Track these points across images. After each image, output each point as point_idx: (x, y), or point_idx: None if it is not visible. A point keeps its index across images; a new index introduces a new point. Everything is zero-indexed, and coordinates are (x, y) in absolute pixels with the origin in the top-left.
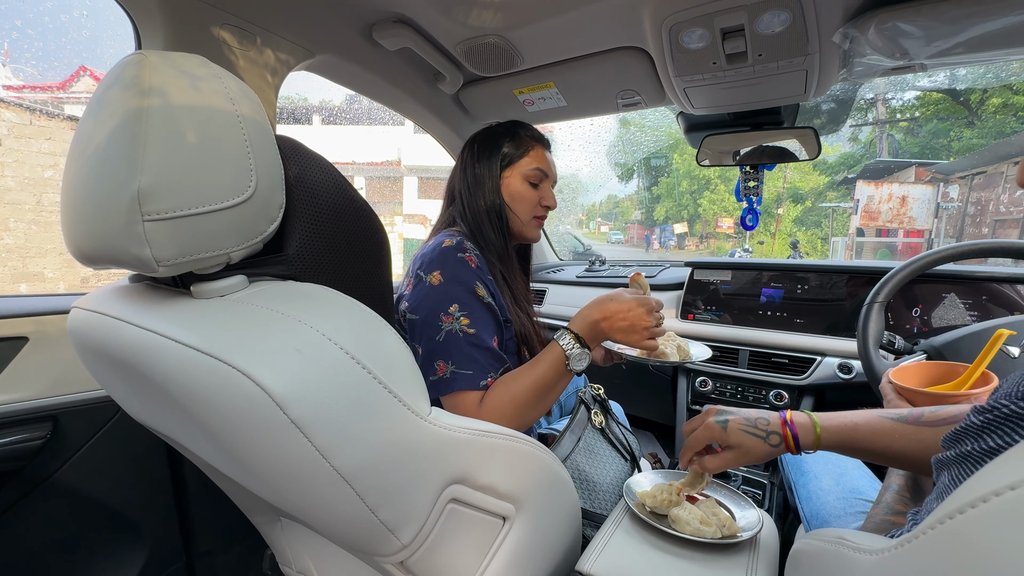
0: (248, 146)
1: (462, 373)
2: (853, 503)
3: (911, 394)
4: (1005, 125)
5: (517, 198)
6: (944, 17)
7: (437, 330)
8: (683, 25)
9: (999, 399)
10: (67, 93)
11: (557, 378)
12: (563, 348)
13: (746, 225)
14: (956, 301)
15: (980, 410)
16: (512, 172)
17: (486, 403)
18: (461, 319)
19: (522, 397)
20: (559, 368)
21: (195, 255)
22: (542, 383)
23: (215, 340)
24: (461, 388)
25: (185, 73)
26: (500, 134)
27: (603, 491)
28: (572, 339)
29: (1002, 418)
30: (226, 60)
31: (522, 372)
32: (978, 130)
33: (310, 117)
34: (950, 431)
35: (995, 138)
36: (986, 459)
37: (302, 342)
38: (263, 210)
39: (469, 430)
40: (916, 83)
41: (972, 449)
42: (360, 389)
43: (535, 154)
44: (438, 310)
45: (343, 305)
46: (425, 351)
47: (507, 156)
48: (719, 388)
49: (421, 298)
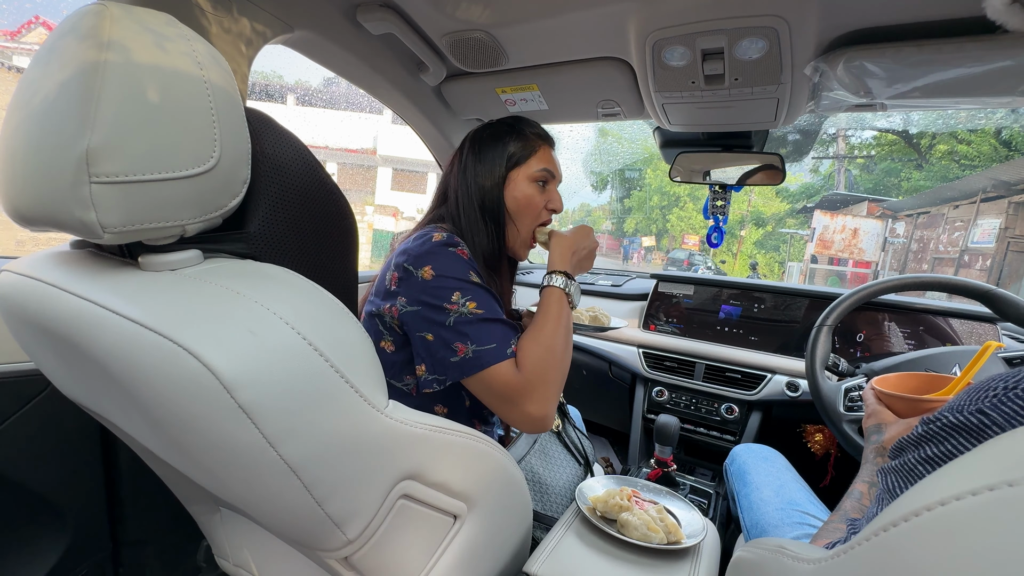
0: (214, 115)
1: (486, 348)
2: (791, 514)
3: (895, 400)
4: (949, 171)
5: (523, 202)
6: (905, 61)
7: (445, 316)
8: (666, 42)
9: (942, 411)
10: (16, 43)
11: (567, 317)
12: (561, 288)
13: (711, 242)
14: (896, 329)
15: (924, 420)
16: (518, 174)
17: (524, 364)
18: (467, 303)
19: (555, 343)
20: (566, 305)
21: (146, 224)
22: (564, 324)
23: (161, 315)
24: (491, 363)
25: (149, 30)
26: (504, 132)
27: (555, 493)
28: (563, 277)
29: (940, 428)
30: (198, 25)
31: (539, 325)
32: (925, 173)
33: (284, 96)
34: (897, 441)
35: (940, 182)
36: (922, 467)
37: (257, 324)
38: (225, 183)
39: (426, 425)
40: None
41: (911, 457)
42: (316, 377)
43: (542, 154)
44: (440, 302)
45: (304, 289)
46: (438, 338)
47: (513, 156)
48: (674, 399)
49: (418, 291)
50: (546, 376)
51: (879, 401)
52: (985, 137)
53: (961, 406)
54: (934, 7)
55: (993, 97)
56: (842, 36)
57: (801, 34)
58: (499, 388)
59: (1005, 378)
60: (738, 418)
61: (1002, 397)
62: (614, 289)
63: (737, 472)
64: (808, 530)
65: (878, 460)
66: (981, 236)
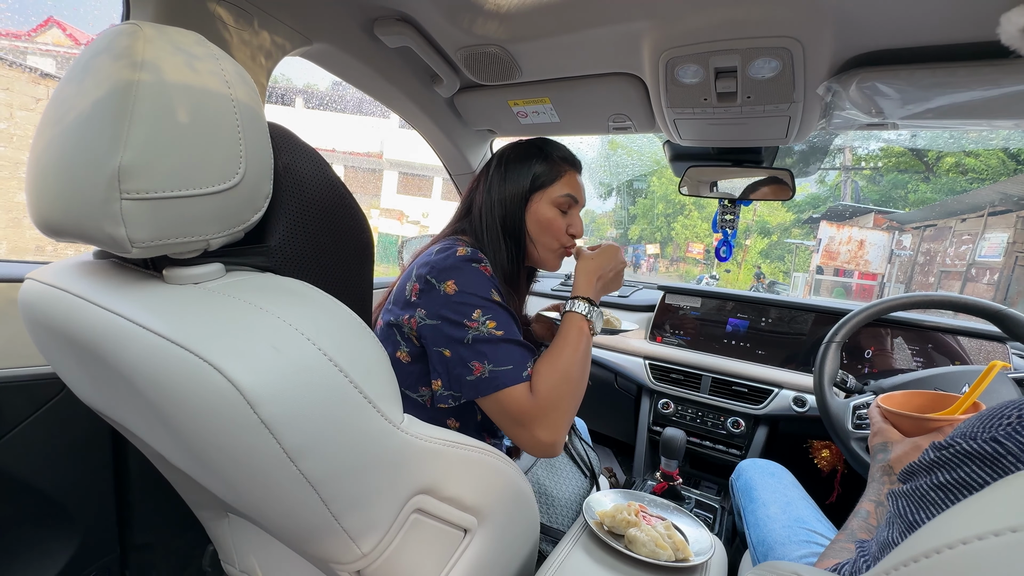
0: (240, 132)
1: (503, 370)
2: (797, 531)
3: (900, 419)
4: (956, 184)
5: (544, 226)
6: (919, 83)
7: (464, 333)
8: (679, 60)
9: (955, 437)
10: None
11: (587, 343)
12: (583, 314)
13: (720, 256)
14: (904, 346)
15: (937, 446)
16: (541, 197)
17: (538, 389)
18: (487, 323)
19: (571, 370)
20: (586, 332)
21: (172, 239)
22: (581, 352)
23: (187, 329)
24: (506, 384)
25: (181, 50)
26: (532, 154)
27: (561, 506)
28: (586, 304)
29: (955, 455)
30: (220, 38)
31: (557, 350)
32: (932, 185)
33: (293, 99)
34: (907, 464)
35: (947, 195)
36: (935, 493)
37: (280, 340)
38: (249, 198)
39: (441, 440)
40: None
41: (923, 483)
42: (336, 393)
43: (568, 179)
44: (460, 318)
45: (325, 305)
46: (455, 354)
47: (538, 179)
48: (680, 411)
49: (439, 306)
50: (559, 403)
51: (885, 419)
52: (993, 151)
53: (975, 433)
54: (948, 31)
55: (1005, 119)
56: (855, 57)
57: (815, 55)
58: (512, 410)
59: (1019, 405)
60: (744, 432)
61: (1016, 426)
62: (621, 300)
63: (743, 487)
64: (815, 548)
65: (884, 479)
66: (989, 250)
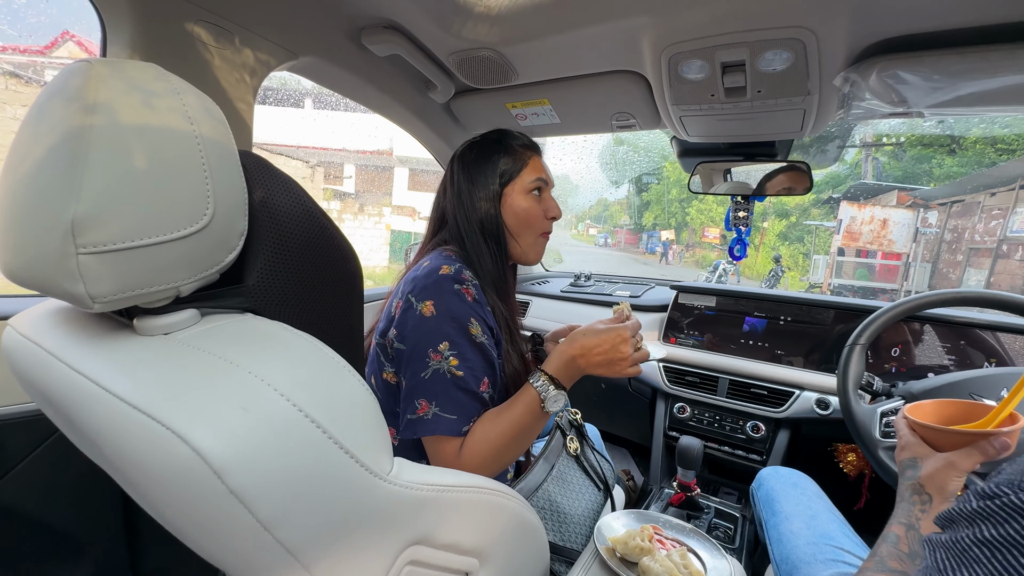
0: (206, 170)
1: (445, 417)
2: (824, 548)
3: (930, 431)
4: (985, 156)
5: (523, 216)
6: (947, 70)
7: (424, 366)
8: (683, 56)
9: (1000, 485)
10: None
11: (534, 421)
12: (538, 391)
13: (734, 255)
14: (934, 343)
15: (981, 494)
16: (513, 189)
17: (466, 451)
18: (450, 359)
19: (501, 442)
20: (535, 411)
21: (137, 290)
22: (519, 427)
23: (150, 392)
24: (443, 433)
25: (137, 88)
26: (492, 150)
27: (574, 523)
28: (546, 380)
29: (1001, 507)
30: (200, 58)
31: (499, 416)
32: (959, 158)
33: (302, 100)
34: (946, 509)
35: (975, 167)
36: (978, 550)
37: (250, 398)
38: (221, 239)
39: (433, 486)
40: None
41: (965, 536)
42: (313, 451)
43: (533, 164)
44: (427, 345)
45: (303, 351)
46: (409, 386)
47: (506, 173)
48: (697, 416)
49: (411, 327)
50: (481, 470)
51: (913, 432)
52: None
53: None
54: (980, 11)
55: None
56: (874, 45)
57: (830, 44)
58: (437, 459)
59: None
60: (764, 436)
61: None
62: (633, 300)
63: (765, 498)
64: (843, 568)
65: (915, 499)
66: (1021, 225)
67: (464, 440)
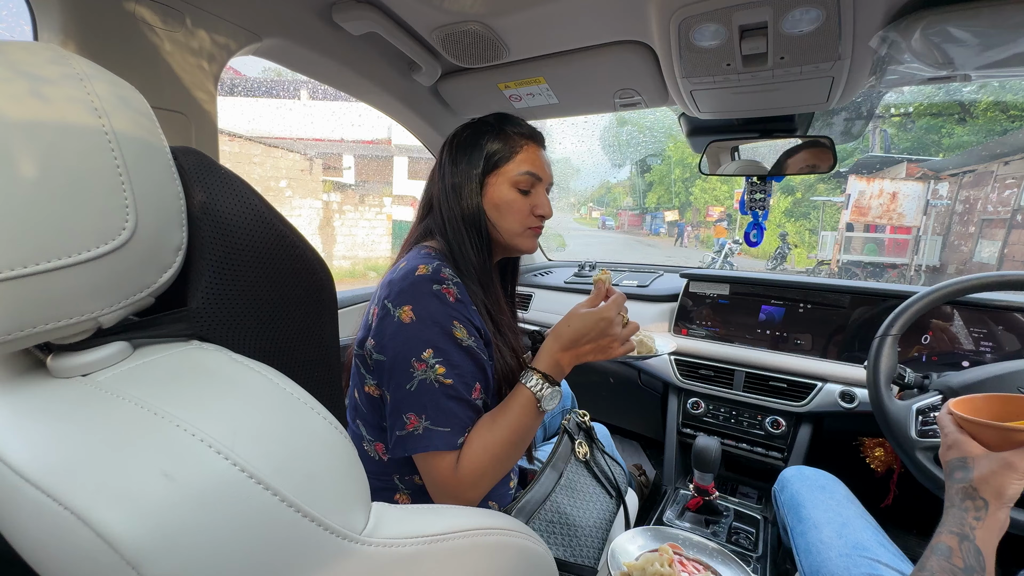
0: (122, 173)
1: (438, 431)
2: (858, 561)
3: (981, 428)
4: (996, 123)
5: (504, 208)
6: (1006, 23)
7: (408, 378)
8: (695, 20)
9: None
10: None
11: (531, 421)
12: (531, 391)
13: (750, 241)
14: (970, 328)
15: None
16: (497, 178)
17: (463, 464)
18: (436, 367)
19: (500, 449)
20: (531, 411)
21: (40, 326)
22: (518, 431)
23: (49, 459)
24: (437, 448)
25: (22, 73)
26: (483, 131)
27: (585, 535)
28: (539, 379)
29: None
30: (148, 44)
31: (495, 422)
32: (969, 127)
33: (298, 91)
34: None
35: (986, 136)
36: None
37: (177, 460)
38: (149, 256)
39: (421, 538)
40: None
41: None
42: (262, 521)
43: (526, 154)
44: (409, 355)
45: (253, 389)
46: (394, 400)
47: (492, 158)
48: (712, 411)
49: (389, 336)
50: (481, 482)
51: (960, 429)
52: None
53: None
54: None
55: None
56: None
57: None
58: (431, 477)
59: None
60: (785, 432)
61: None
62: (640, 290)
63: (789, 502)
64: None
65: (967, 504)
66: None
67: (460, 452)
